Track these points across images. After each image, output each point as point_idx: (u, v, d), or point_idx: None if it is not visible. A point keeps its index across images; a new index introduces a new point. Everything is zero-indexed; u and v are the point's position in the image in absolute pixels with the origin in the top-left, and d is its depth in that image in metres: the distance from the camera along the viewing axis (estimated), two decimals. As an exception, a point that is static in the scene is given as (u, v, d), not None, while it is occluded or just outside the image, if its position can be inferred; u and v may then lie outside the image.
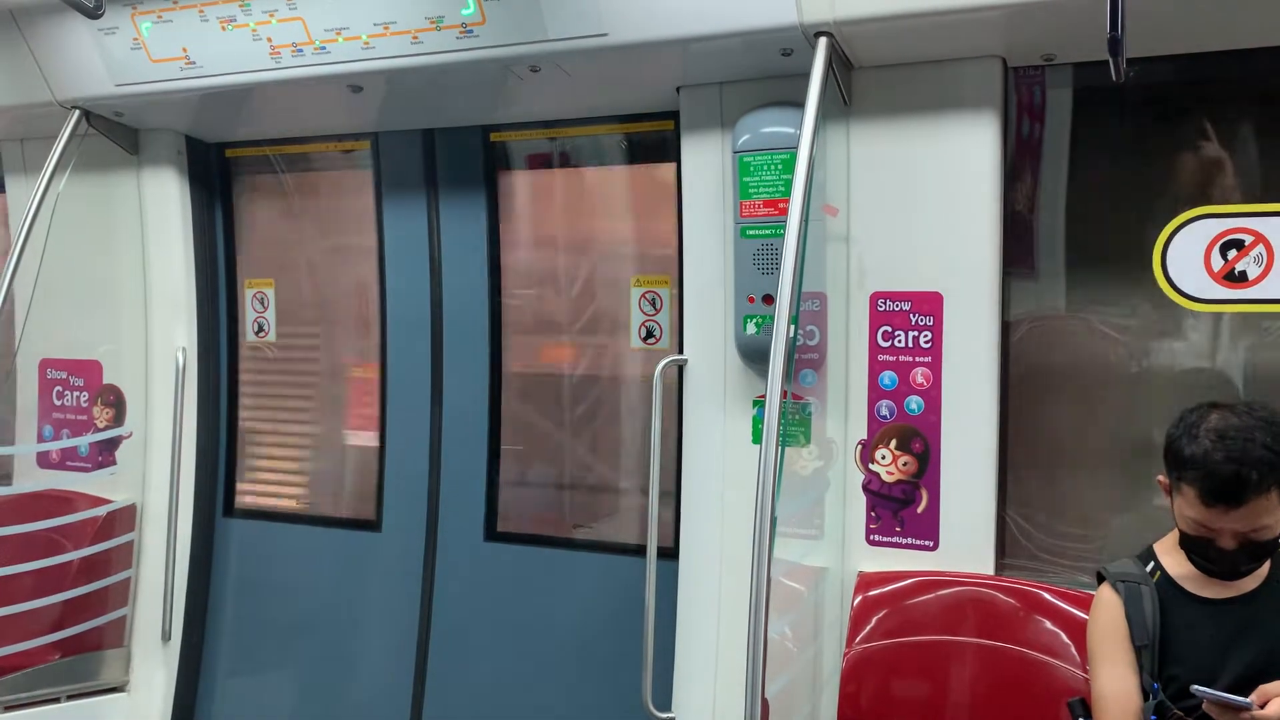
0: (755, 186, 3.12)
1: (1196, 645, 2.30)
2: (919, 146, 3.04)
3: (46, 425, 4.44)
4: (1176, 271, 2.90)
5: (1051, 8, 2.65)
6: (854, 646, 2.99)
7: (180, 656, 4.27)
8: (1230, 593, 2.31)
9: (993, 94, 2.98)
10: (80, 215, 4.07)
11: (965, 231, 3.01)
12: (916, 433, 3.07)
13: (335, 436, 4.48)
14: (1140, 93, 3.09)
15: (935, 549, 3.06)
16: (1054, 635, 2.84)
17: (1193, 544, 2.28)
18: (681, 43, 3.02)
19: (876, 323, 3.12)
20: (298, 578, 4.35)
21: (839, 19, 2.80)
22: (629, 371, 3.96)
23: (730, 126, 3.22)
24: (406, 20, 3.23)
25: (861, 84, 3.09)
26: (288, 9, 3.35)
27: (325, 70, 3.43)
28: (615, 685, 3.65)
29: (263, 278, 4.48)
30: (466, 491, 4.08)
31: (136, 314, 4.29)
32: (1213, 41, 2.88)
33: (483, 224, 4.04)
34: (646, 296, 3.81)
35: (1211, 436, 2.17)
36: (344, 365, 4.47)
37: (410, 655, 4.11)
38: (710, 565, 3.32)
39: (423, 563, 4.12)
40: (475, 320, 4.06)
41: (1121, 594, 2.37)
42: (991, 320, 3.00)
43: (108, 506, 4.17)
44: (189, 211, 4.29)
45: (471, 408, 4.07)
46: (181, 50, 3.56)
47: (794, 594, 3.09)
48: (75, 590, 4.02)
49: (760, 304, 3.16)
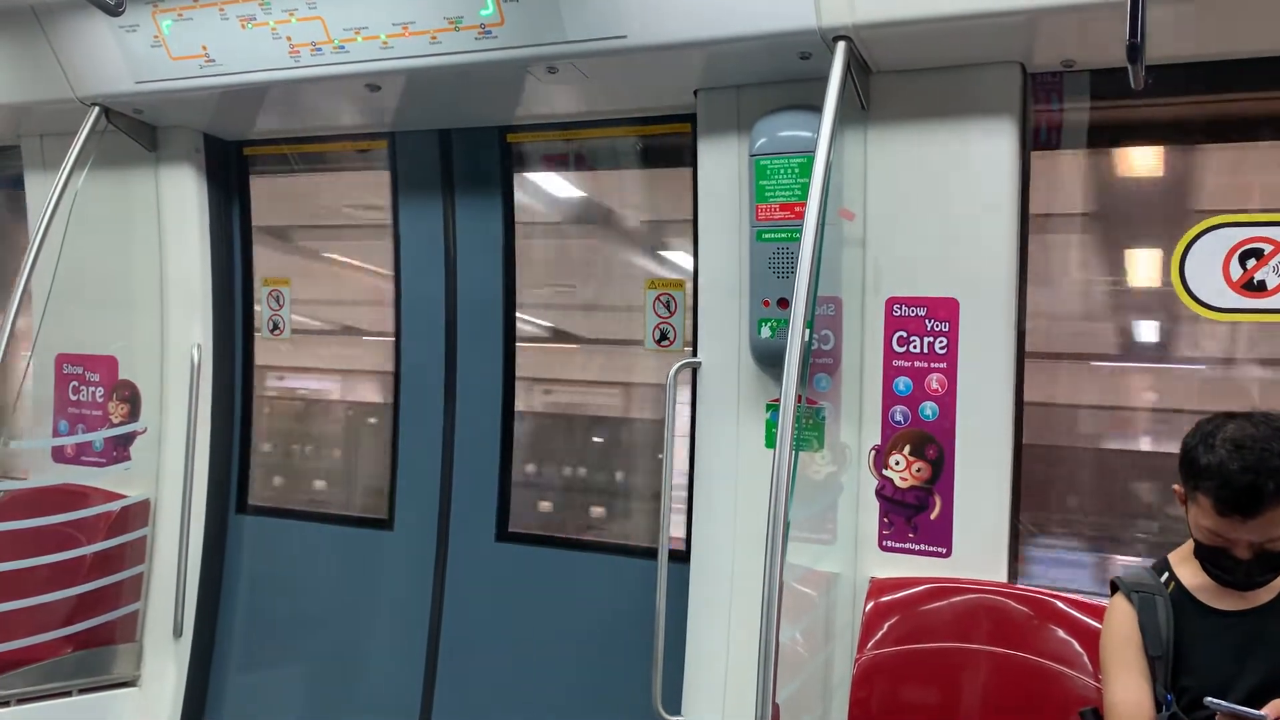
0: (772, 190, 3.12)
1: (1210, 656, 2.29)
2: (937, 151, 3.04)
3: (62, 420, 4.46)
4: (1195, 280, 2.88)
5: (1072, 13, 2.64)
6: (865, 652, 2.98)
7: (191, 652, 4.28)
8: (1245, 604, 2.29)
9: (1012, 99, 2.98)
10: (98, 211, 4.09)
11: (983, 237, 3.00)
12: (931, 439, 3.06)
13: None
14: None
15: (948, 555, 3.05)
16: (1067, 644, 2.83)
17: (1208, 554, 2.26)
18: (700, 45, 3.02)
19: (892, 328, 3.11)
20: (309, 575, 4.37)
21: (858, 23, 2.80)
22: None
23: (747, 130, 3.22)
24: (425, 20, 3.24)
25: (879, 88, 3.08)
26: (307, 8, 3.36)
27: (344, 69, 3.44)
28: (625, 688, 3.63)
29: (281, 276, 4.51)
30: (478, 491, 4.08)
31: (152, 310, 4.31)
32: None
33: (498, 224, 4.04)
34: (661, 299, 3.80)
35: (1228, 446, 2.16)
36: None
37: (420, 654, 4.11)
38: (722, 569, 3.32)
39: (434, 562, 4.12)
40: (490, 320, 4.06)
41: (1135, 604, 2.36)
42: (1008, 327, 2.99)
43: (121, 501, 4.19)
44: (206, 208, 4.31)
45: (484, 408, 4.08)
46: (201, 48, 3.57)
47: (806, 599, 3.09)
48: (88, 585, 4.03)
49: (775, 307, 3.15)
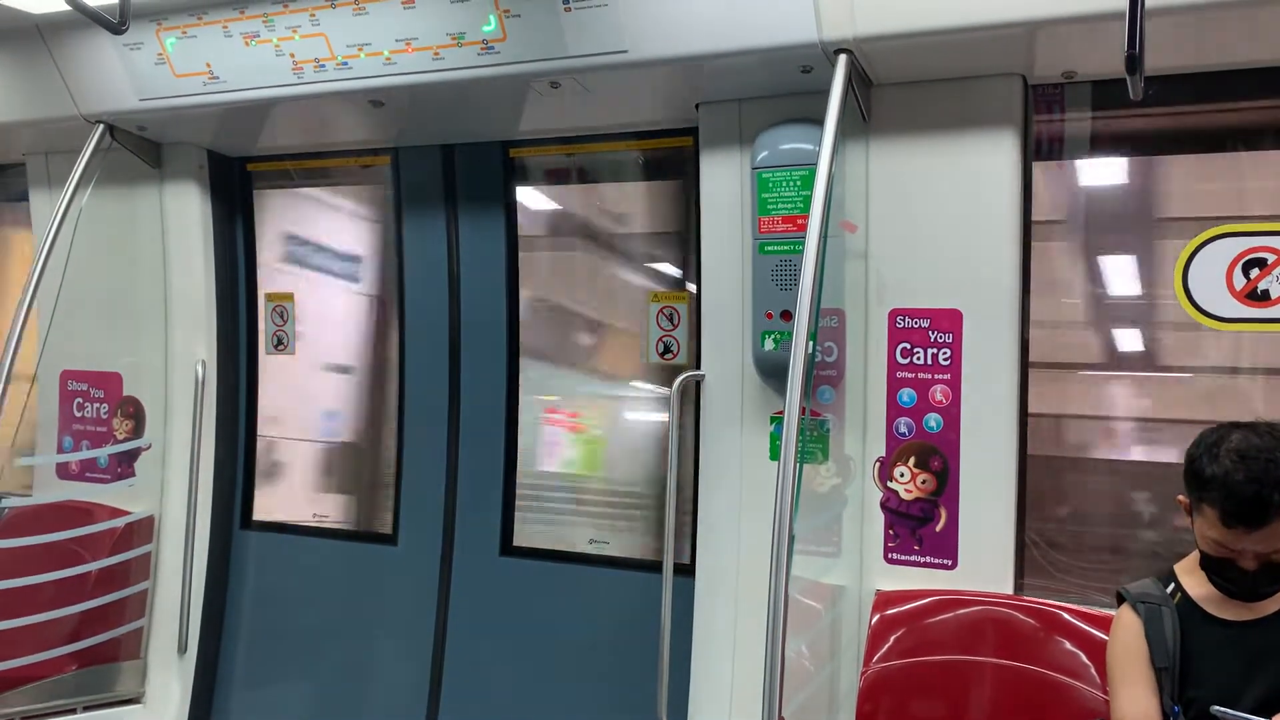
0: (774, 202, 3.12)
1: (1217, 668, 2.28)
2: (939, 163, 3.04)
3: (66, 436, 4.46)
4: (1198, 290, 2.88)
5: (1072, 25, 2.65)
6: (871, 665, 2.97)
7: (196, 668, 4.28)
8: (1251, 615, 2.29)
9: (1013, 111, 2.98)
10: (103, 228, 4.10)
11: (985, 248, 3.00)
12: (935, 450, 3.05)
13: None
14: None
15: (954, 568, 3.04)
16: (1074, 656, 2.81)
17: (1213, 565, 2.26)
18: (701, 60, 3.03)
19: (895, 339, 3.11)
20: (314, 591, 4.36)
21: (859, 36, 2.80)
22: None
23: (749, 143, 3.23)
24: (428, 36, 3.25)
25: (881, 101, 3.09)
26: (310, 25, 3.37)
27: (347, 86, 3.45)
28: (630, 702, 3.63)
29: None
30: (482, 506, 4.07)
31: (157, 326, 4.31)
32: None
33: (501, 239, 4.05)
34: (664, 312, 3.80)
35: (1233, 457, 2.16)
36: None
37: (425, 669, 4.10)
38: (727, 582, 3.31)
39: (438, 577, 4.11)
40: (494, 335, 4.06)
41: (1142, 615, 2.36)
42: (1012, 337, 2.99)
43: (126, 518, 4.19)
44: (210, 225, 4.32)
45: (488, 422, 4.08)
46: (205, 65, 3.58)
47: (811, 612, 3.08)
48: (93, 601, 4.03)
49: (779, 320, 3.15)
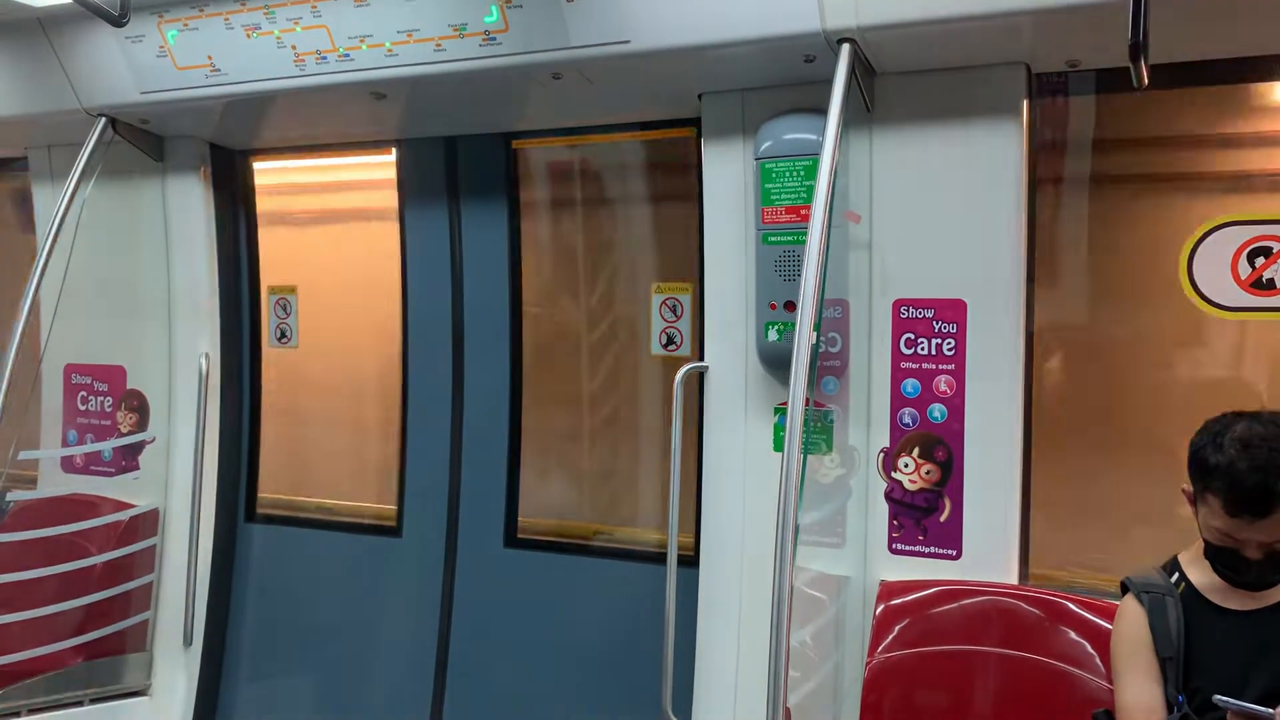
0: (777, 193, 3.12)
1: (1222, 657, 2.28)
2: (942, 153, 3.03)
3: (71, 430, 4.47)
4: (1203, 279, 2.87)
5: (1076, 13, 2.64)
6: (876, 656, 2.98)
7: (201, 661, 4.29)
8: (1256, 604, 2.29)
9: (1017, 100, 2.97)
10: (105, 221, 4.10)
11: (989, 238, 2.99)
12: (939, 441, 3.05)
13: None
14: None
15: (958, 558, 3.04)
16: (1078, 646, 2.81)
17: (1218, 554, 2.26)
18: (704, 50, 3.02)
19: (899, 330, 3.10)
20: (319, 583, 4.37)
21: (862, 25, 2.79)
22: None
23: (752, 133, 3.22)
24: (430, 28, 3.24)
25: (884, 90, 3.08)
26: (312, 17, 3.37)
27: (349, 78, 3.44)
28: (635, 693, 3.64)
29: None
30: (486, 497, 4.08)
31: (160, 319, 4.32)
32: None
33: (504, 231, 4.05)
34: (667, 303, 3.80)
35: (1237, 446, 2.16)
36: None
37: (430, 661, 4.11)
38: (731, 573, 3.31)
39: (443, 569, 4.12)
40: (496, 327, 4.06)
41: (1146, 605, 2.36)
42: (1016, 327, 2.98)
43: (130, 511, 4.19)
44: (213, 217, 4.32)
45: (492, 414, 4.08)
46: (207, 58, 3.58)
47: (816, 603, 3.08)
48: (98, 594, 4.04)
49: (782, 311, 3.15)
